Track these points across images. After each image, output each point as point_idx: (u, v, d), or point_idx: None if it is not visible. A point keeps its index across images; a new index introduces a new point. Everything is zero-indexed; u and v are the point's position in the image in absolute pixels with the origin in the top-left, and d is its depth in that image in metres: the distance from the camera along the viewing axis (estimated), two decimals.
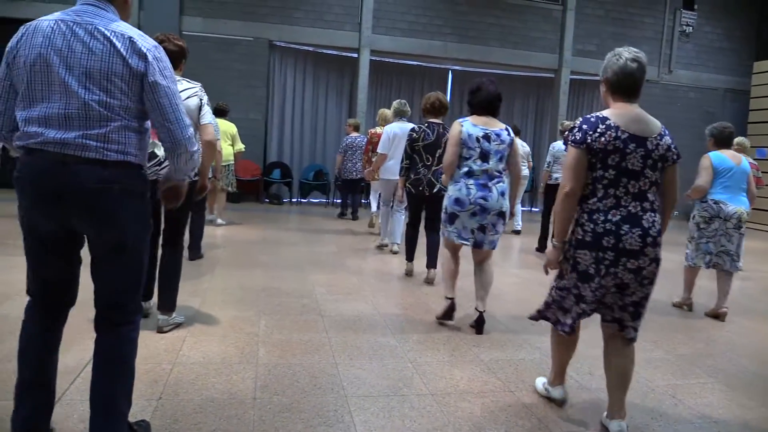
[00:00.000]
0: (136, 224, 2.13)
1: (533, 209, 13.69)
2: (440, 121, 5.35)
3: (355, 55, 12.40)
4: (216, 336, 3.64)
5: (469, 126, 4.02)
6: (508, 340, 3.96)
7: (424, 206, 5.51)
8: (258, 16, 11.76)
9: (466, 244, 4.08)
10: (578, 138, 2.54)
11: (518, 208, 9.81)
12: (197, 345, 3.45)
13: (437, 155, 5.27)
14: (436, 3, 12.62)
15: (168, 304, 3.69)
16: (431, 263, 5.49)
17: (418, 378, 3.19)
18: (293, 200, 12.46)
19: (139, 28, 8.03)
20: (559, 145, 7.66)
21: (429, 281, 5.50)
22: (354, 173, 9.68)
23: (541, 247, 7.69)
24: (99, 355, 2.15)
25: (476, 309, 4.09)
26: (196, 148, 2.25)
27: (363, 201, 11.63)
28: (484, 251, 4.11)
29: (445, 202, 4.10)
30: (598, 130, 2.51)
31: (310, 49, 12.31)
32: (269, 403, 2.77)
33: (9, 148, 2.25)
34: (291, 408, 2.73)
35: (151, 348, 3.37)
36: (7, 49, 2.06)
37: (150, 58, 2.06)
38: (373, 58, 12.45)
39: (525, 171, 9.59)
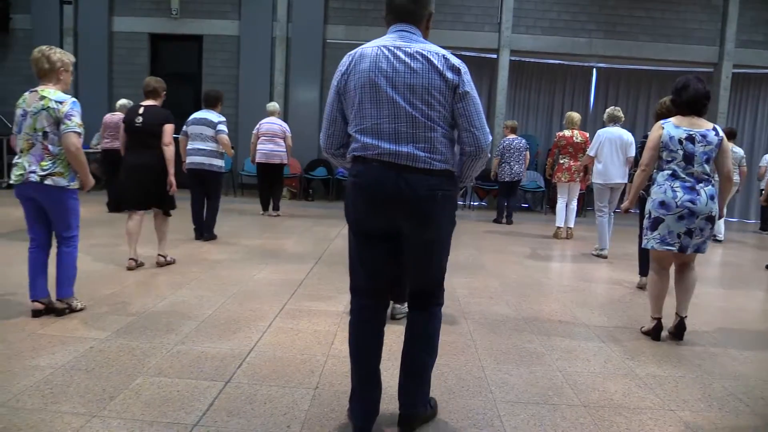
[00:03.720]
0: (450, 224, 2.45)
1: (745, 220, 12.70)
2: None
3: (494, 56, 12.24)
4: None
5: (671, 127, 3.83)
6: (666, 355, 3.70)
7: None
8: None
9: (671, 250, 3.84)
10: None
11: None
12: (347, 339, 3.59)
13: None
14: None
15: (403, 297, 3.88)
16: (644, 271, 5.37)
17: (568, 388, 3.08)
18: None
19: (288, 40, 8.59)
20: None
21: (641, 286, 5.42)
22: (511, 176, 9.59)
23: None
24: (412, 331, 2.51)
25: (677, 314, 3.96)
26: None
27: (523, 206, 11.75)
28: (687, 255, 3.91)
29: (648, 206, 3.91)
30: None
31: (448, 51, 12.32)
32: None
33: (337, 163, 2.59)
34: (440, 407, 2.76)
35: (306, 340, 3.58)
36: (337, 76, 2.40)
37: (462, 71, 2.31)
38: (513, 58, 12.22)
39: (735, 177, 8.87)
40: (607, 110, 7.26)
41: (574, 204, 8.42)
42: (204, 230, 6.79)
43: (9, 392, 2.67)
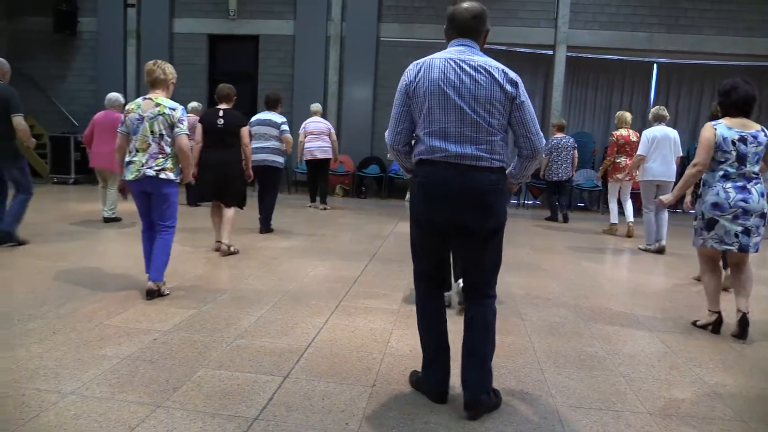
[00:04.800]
0: (505, 214, 2.70)
1: None
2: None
3: (551, 52, 11.98)
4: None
5: (724, 129, 3.92)
6: (735, 363, 3.52)
7: None
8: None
9: (731, 249, 3.93)
10: None
11: None
12: (404, 338, 3.58)
13: None
14: None
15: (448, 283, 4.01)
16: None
17: (632, 394, 2.98)
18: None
19: (342, 39, 8.77)
20: None
21: (726, 288, 5.21)
22: (560, 174, 9.65)
23: None
24: (471, 323, 2.72)
25: (739, 310, 3.96)
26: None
27: (579, 205, 11.94)
28: (741, 254, 3.98)
29: (700, 207, 4.03)
30: None
31: (503, 48, 12.14)
32: None
33: (399, 160, 2.81)
34: (499, 409, 2.71)
35: (362, 338, 3.58)
36: (406, 81, 2.64)
37: (519, 84, 2.59)
38: (570, 54, 11.93)
39: None
40: (652, 109, 7.41)
41: (629, 201, 8.52)
42: (262, 223, 7.24)
43: (79, 380, 2.77)
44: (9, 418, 2.39)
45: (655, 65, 12.42)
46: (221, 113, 5.86)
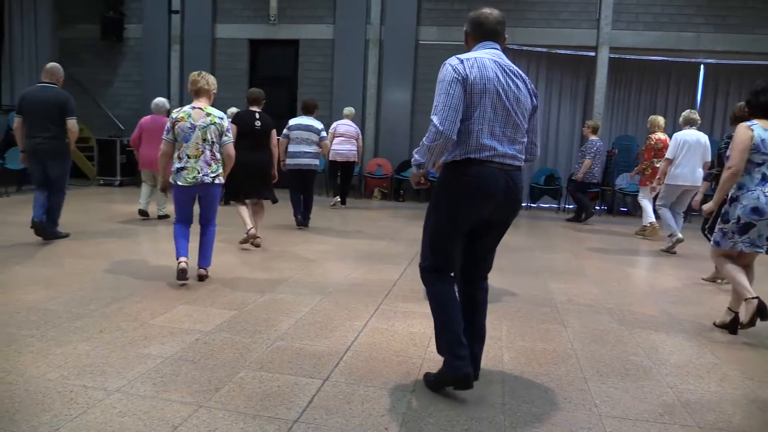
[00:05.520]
0: None
1: None
2: None
3: (593, 54, 11.75)
4: None
5: (761, 130, 3.90)
6: None
7: None
8: None
9: (760, 252, 3.97)
10: None
11: None
12: None
13: None
14: None
15: None
16: None
17: (680, 406, 2.88)
18: (523, 204, 12.25)
19: (381, 42, 8.90)
20: None
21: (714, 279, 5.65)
22: (599, 176, 9.92)
23: None
24: (473, 299, 2.95)
25: (730, 309, 4.14)
26: None
27: (622, 209, 11.87)
28: (752, 257, 4.13)
29: (737, 211, 3.92)
30: None
31: (544, 50, 11.98)
32: (518, 410, 2.73)
33: (439, 151, 2.68)
34: (541, 419, 2.66)
35: (402, 342, 3.57)
36: (462, 75, 2.63)
37: (537, 95, 2.90)
38: (612, 55, 11.68)
39: None
40: (683, 113, 7.48)
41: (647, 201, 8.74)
42: (305, 219, 7.69)
43: (125, 378, 2.83)
44: (58, 414, 2.46)
45: (701, 66, 12.05)
46: (257, 116, 6.26)
